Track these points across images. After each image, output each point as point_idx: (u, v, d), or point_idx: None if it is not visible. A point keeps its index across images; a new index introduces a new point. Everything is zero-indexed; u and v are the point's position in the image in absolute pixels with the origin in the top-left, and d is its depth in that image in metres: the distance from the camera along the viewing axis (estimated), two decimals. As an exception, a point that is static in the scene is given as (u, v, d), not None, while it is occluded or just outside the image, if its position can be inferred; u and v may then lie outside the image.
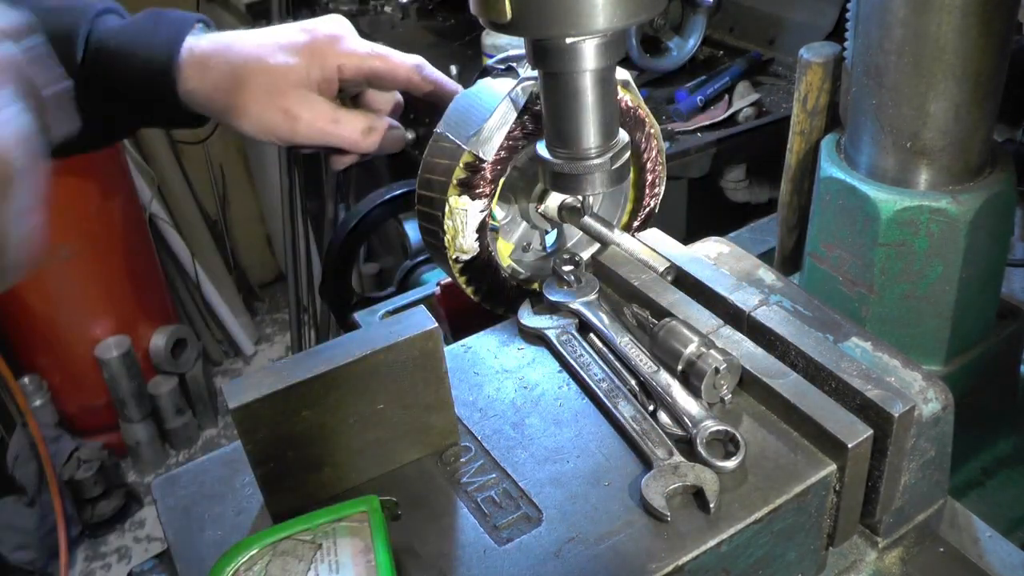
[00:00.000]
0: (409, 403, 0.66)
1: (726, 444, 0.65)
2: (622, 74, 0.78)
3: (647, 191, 0.88)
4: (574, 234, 0.91)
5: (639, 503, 0.62)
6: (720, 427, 0.65)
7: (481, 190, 0.77)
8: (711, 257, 0.82)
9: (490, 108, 0.76)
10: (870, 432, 0.62)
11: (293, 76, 0.83)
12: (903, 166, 0.82)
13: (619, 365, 0.73)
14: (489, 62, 0.83)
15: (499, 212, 0.85)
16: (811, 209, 0.94)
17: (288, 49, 0.84)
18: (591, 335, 0.77)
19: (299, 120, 0.83)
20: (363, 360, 0.63)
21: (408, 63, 0.88)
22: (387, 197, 1.75)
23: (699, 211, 1.69)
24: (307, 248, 3.09)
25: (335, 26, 0.87)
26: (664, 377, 0.70)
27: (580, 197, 0.83)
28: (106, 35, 0.84)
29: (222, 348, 3.50)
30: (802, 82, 0.97)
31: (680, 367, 0.69)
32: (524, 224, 0.88)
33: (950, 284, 0.83)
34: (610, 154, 0.71)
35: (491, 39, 1.84)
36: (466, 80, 0.86)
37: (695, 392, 0.68)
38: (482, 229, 0.79)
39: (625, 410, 0.68)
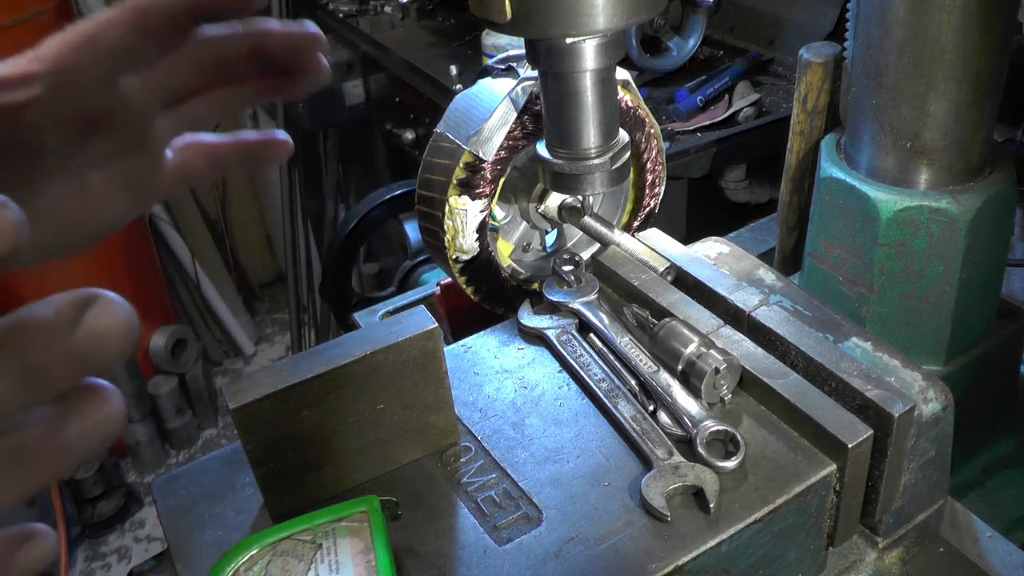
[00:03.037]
0: (409, 403, 0.66)
1: (726, 444, 0.65)
2: (622, 74, 0.78)
3: (647, 191, 0.88)
4: (574, 234, 0.91)
5: (639, 503, 0.62)
6: (720, 427, 0.65)
7: (481, 190, 0.77)
8: (711, 257, 0.82)
9: (490, 108, 0.76)
10: (870, 432, 0.62)
11: None
12: (903, 166, 0.82)
13: (619, 365, 0.73)
14: (489, 62, 0.83)
15: (499, 212, 0.85)
16: (811, 209, 0.94)
17: None
18: (591, 335, 0.77)
19: None
20: (363, 360, 0.63)
21: None
22: (387, 197, 1.75)
23: (699, 211, 1.69)
24: (307, 248, 3.09)
25: None
26: (664, 377, 0.70)
27: (580, 197, 0.83)
28: None
29: (222, 348, 3.49)
30: (802, 82, 0.97)
31: (680, 367, 0.69)
32: (524, 224, 0.88)
33: (950, 284, 0.83)
34: (610, 154, 0.71)
35: (491, 39, 1.84)
36: (466, 80, 0.85)
37: (695, 392, 0.68)
38: (482, 229, 0.79)
39: (625, 410, 0.68)
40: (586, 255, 0.87)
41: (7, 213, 0.32)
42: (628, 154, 0.73)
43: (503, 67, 0.80)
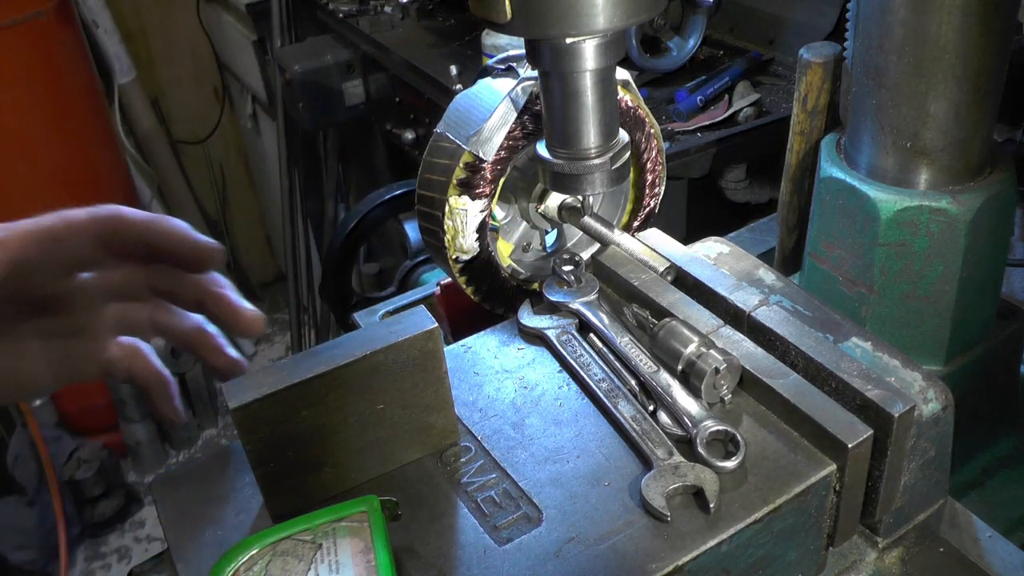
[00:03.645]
0: (409, 403, 0.66)
1: (726, 444, 0.65)
2: (622, 74, 0.78)
3: (647, 191, 0.88)
4: (574, 234, 0.91)
5: (639, 503, 0.62)
6: (720, 427, 0.65)
7: (481, 190, 0.77)
8: (711, 257, 0.82)
9: (490, 108, 0.76)
10: (870, 432, 0.62)
11: None
12: (903, 166, 0.82)
13: (619, 365, 0.73)
14: (489, 62, 0.83)
15: (499, 212, 0.85)
16: (811, 209, 0.94)
17: None
18: (591, 335, 0.77)
19: None
20: (363, 360, 0.63)
21: (88, 208, 0.64)
22: (387, 197, 1.75)
23: (699, 211, 1.69)
24: (307, 248, 3.09)
25: None
26: (664, 377, 0.70)
27: (580, 197, 0.83)
28: None
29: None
30: (802, 82, 0.97)
31: (680, 367, 0.69)
32: (524, 224, 0.88)
33: (950, 284, 0.83)
34: (610, 154, 0.71)
35: (491, 39, 1.84)
36: (466, 80, 0.85)
37: (695, 392, 0.68)
38: (482, 229, 0.79)
39: (625, 410, 0.68)
40: (586, 255, 0.87)
41: None
42: (628, 154, 0.73)
43: (503, 67, 0.80)
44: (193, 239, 0.65)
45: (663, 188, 0.89)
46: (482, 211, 0.78)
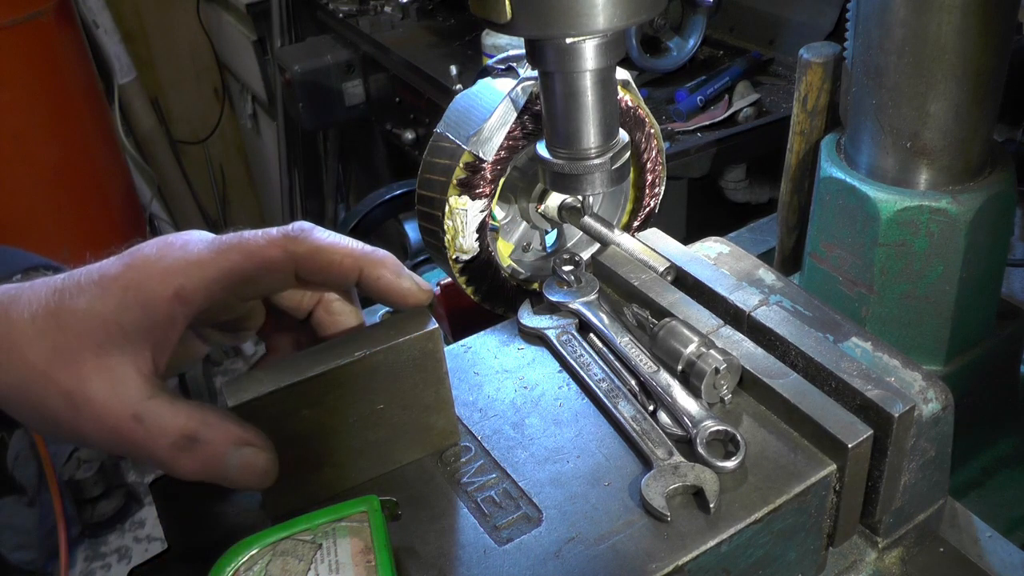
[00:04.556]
0: (409, 403, 0.66)
1: (726, 444, 0.65)
2: (622, 74, 0.78)
3: (647, 191, 0.88)
4: (574, 234, 0.91)
5: (639, 503, 0.62)
6: (720, 427, 0.65)
7: (481, 190, 0.77)
8: (711, 257, 0.82)
9: (490, 108, 0.76)
10: (870, 432, 0.62)
11: (91, 326, 0.54)
12: (903, 166, 0.82)
13: (619, 365, 0.73)
14: (489, 62, 0.83)
15: (499, 212, 0.85)
16: (811, 209, 0.94)
17: (95, 284, 0.55)
18: (591, 335, 0.77)
19: (84, 408, 0.53)
20: (363, 360, 0.63)
21: (274, 236, 0.60)
22: (387, 197, 1.75)
23: (699, 211, 1.70)
24: (307, 248, 3.08)
25: (169, 239, 0.59)
26: (664, 377, 0.70)
27: (580, 197, 0.83)
28: None
29: (222, 348, 3.50)
30: (802, 82, 0.97)
31: (680, 367, 0.69)
32: (524, 224, 0.88)
33: (950, 284, 0.83)
34: (610, 154, 0.71)
35: (491, 39, 1.84)
36: (466, 80, 0.85)
37: (695, 392, 0.68)
38: (482, 229, 0.79)
39: (625, 410, 0.68)
40: (586, 255, 0.87)
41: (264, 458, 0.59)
42: (628, 154, 0.73)
43: (503, 67, 0.80)
44: (402, 285, 0.63)
45: (663, 188, 0.89)
46: (482, 211, 0.78)
